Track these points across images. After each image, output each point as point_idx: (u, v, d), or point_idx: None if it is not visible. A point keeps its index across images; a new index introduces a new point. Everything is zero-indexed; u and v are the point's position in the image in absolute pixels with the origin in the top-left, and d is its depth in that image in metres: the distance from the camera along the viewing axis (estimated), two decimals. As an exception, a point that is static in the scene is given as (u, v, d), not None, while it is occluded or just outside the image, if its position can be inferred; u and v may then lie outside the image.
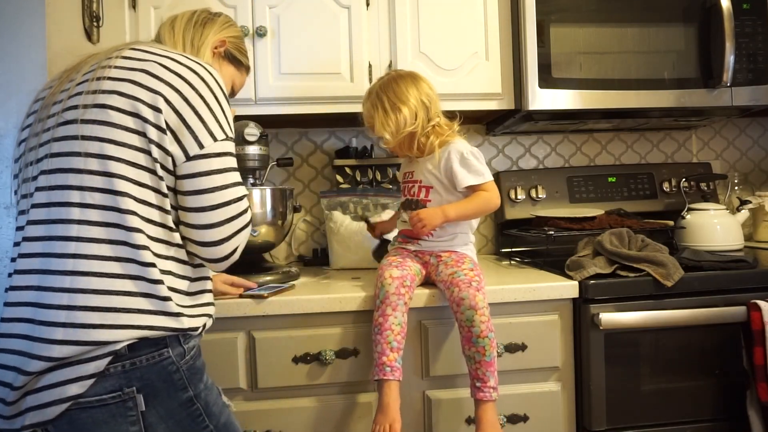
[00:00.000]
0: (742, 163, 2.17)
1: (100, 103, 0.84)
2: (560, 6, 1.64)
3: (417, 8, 1.66)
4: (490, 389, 1.19)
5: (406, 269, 1.29)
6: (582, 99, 1.65)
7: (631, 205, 1.94)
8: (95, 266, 0.81)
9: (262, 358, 1.30)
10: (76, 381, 0.79)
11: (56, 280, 0.81)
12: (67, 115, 0.86)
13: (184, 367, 0.87)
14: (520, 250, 1.89)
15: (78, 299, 0.80)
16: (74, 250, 0.81)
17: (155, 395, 0.83)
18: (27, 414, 0.81)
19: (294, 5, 1.62)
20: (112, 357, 0.81)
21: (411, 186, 1.40)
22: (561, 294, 1.37)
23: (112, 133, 0.83)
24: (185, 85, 0.88)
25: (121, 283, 0.82)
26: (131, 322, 0.82)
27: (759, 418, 1.35)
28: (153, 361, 0.84)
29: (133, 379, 0.82)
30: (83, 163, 0.83)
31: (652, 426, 1.39)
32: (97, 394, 0.80)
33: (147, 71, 0.87)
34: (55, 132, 0.86)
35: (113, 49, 0.93)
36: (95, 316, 0.80)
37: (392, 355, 1.20)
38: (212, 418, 0.90)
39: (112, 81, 0.86)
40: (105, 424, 0.81)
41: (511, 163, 2.08)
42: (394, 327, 1.21)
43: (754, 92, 1.69)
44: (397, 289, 1.23)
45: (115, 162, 0.83)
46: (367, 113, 1.38)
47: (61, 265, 0.82)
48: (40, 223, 0.84)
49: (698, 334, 1.39)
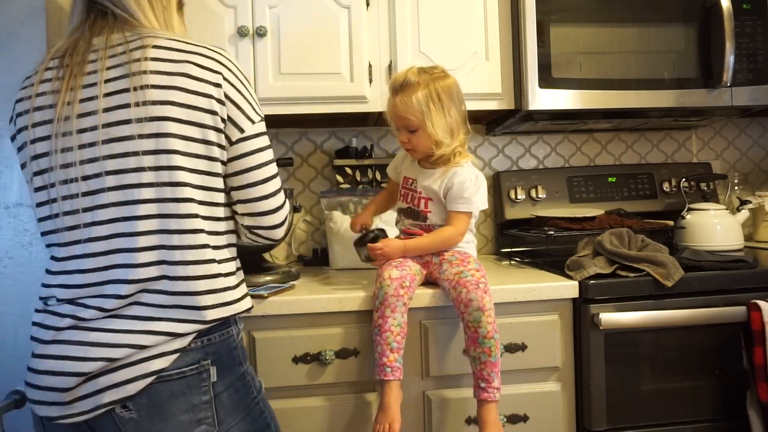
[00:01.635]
0: (742, 163, 2.17)
1: (157, 116, 0.87)
2: (560, 6, 1.64)
3: (417, 8, 1.66)
4: (494, 390, 1.19)
5: (406, 269, 1.28)
6: (582, 99, 1.65)
7: (631, 205, 1.94)
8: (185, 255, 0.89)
9: (262, 358, 1.30)
10: (160, 357, 0.86)
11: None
12: (118, 132, 0.87)
13: (240, 344, 0.98)
14: (520, 250, 1.89)
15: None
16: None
17: (222, 368, 0.93)
18: (104, 393, 0.84)
19: (294, 5, 1.62)
20: (196, 334, 0.89)
21: (413, 194, 1.38)
22: (561, 294, 1.37)
23: (174, 142, 0.88)
24: (231, 74, 0.94)
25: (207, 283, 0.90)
26: (219, 301, 0.91)
27: (759, 418, 1.35)
28: (223, 338, 0.93)
29: (208, 354, 0.91)
30: (155, 176, 0.87)
31: (652, 426, 1.39)
32: (178, 368, 0.87)
33: (188, 73, 0.90)
34: (105, 149, 0.87)
35: (121, 43, 0.91)
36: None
37: (392, 356, 1.21)
38: (257, 390, 1.01)
39: (159, 90, 0.87)
40: (182, 395, 0.88)
41: (511, 163, 2.08)
42: (394, 328, 1.22)
43: (754, 92, 1.69)
44: (395, 291, 1.23)
45: (181, 171, 0.88)
46: (417, 104, 1.27)
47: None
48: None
49: (698, 334, 1.39)
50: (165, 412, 0.87)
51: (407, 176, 1.41)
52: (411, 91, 1.28)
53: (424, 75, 1.30)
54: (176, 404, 0.87)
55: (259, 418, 1.00)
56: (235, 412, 0.94)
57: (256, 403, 1.00)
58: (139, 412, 0.86)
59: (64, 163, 0.88)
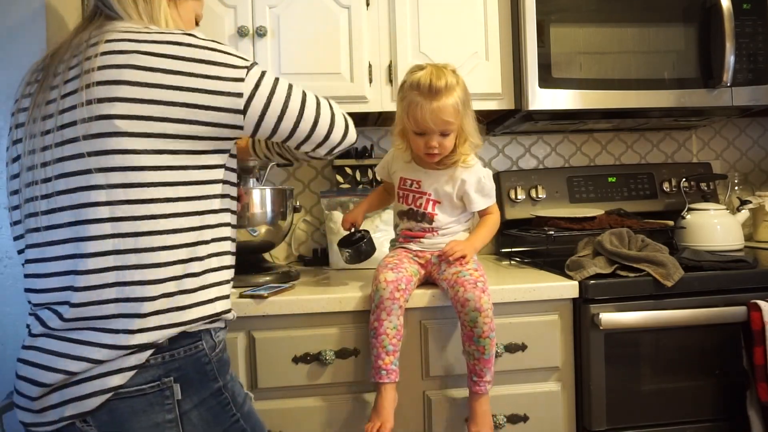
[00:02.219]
0: (742, 163, 2.17)
1: (103, 114, 0.83)
2: (560, 6, 1.64)
3: (417, 8, 1.66)
4: (486, 383, 1.22)
5: (402, 271, 1.27)
6: (582, 99, 1.65)
7: (631, 205, 1.94)
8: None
9: (262, 358, 1.30)
10: (118, 373, 0.83)
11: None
12: (69, 133, 0.85)
13: (215, 359, 0.92)
14: (520, 250, 1.89)
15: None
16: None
17: (189, 385, 0.88)
18: (66, 405, 0.83)
19: (294, 5, 1.62)
20: (154, 350, 0.85)
21: (418, 197, 1.35)
22: (561, 294, 1.37)
23: (121, 141, 0.83)
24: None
25: (164, 286, 0.85)
26: (173, 321, 0.86)
27: (759, 418, 1.35)
28: (189, 353, 0.88)
29: (171, 370, 0.86)
30: (104, 178, 0.83)
31: (652, 426, 1.39)
32: (137, 384, 0.84)
33: (136, 64, 0.85)
34: (57, 151, 0.86)
35: (83, 44, 0.89)
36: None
37: (388, 359, 1.22)
38: (238, 407, 0.95)
39: (105, 86, 0.84)
40: (143, 412, 0.85)
41: (511, 163, 2.08)
42: (389, 331, 1.22)
43: (754, 92, 1.69)
44: (391, 294, 1.23)
45: (134, 172, 0.84)
46: (454, 110, 1.23)
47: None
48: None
49: (698, 334, 1.39)
50: (127, 429, 0.84)
51: (405, 177, 1.37)
52: (451, 95, 1.22)
53: (454, 76, 1.25)
54: (137, 422, 0.84)
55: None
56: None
57: (234, 421, 0.94)
58: (100, 428, 0.84)
59: (30, 165, 0.87)
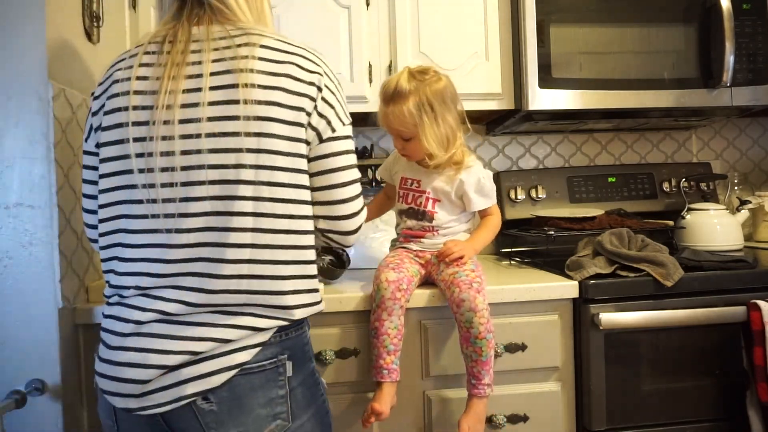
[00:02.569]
0: (742, 163, 2.18)
1: (262, 116, 0.87)
2: (560, 6, 1.64)
3: (417, 8, 1.66)
4: (484, 386, 1.21)
5: (403, 272, 1.28)
6: (582, 99, 1.65)
7: (631, 205, 1.94)
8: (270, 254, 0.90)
9: (262, 358, 1.30)
10: (244, 350, 0.87)
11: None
12: (222, 126, 0.86)
13: (310, 342, 0.99)
14: (520, 250, 1.89)
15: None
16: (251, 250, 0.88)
17: (296, 363, 0.93)
18: (187, 384, 0.84)
19: (294, 5, 1.62)
20: (277, 328, 0.90)
21: (418, 195, 1.36)
22: (561, 294, 1.37)
23: (277, 143, 0.88)
24: (327, 78, 0.95)
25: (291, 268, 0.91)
26: (306, 302, 0.92)
27: (759, 418, 1.35)
28: (298, 333, 0.94)
29: (285, 348, 0.91)
30: (254, 175, 0.87)
31: (652, 426, 1.39)
32: (258, 361, 0.88)
33: (291, 74, 0.90)
34: (208, 142, 0.87)
35: (210, 38, 0.91)
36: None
37: (389, 358, 1.22)
38: (323, 388, 1.01)
39: (264, 90, 0.87)
40: (260, 388, 0.88)
41: (511, 163, 2.08)
42: (390, 331, 1.22)
43: (754, 92, 1.70)
44: (392, 294, 1.23)
45: (280, 172, 0.88)
46: (409, 116, 1.24)
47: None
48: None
49: (698, 334, 1.39)
50: (244, 405, 0.87)
51: (405, 176, 1.39)
52: (402, 102, 1.24)
53: (414, 81, 1.25)
54: (255, 398, 0.88)
55: (326, 416, 1.00)
56: (307, 408, 0.94)
57: (323, 401, 1.00)
58: (220, 404, 0.86)
59: (165, 150, 0.87)
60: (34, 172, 1.11)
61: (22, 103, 1.10)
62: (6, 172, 1.10)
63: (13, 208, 1.11)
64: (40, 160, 1.11)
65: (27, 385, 1.10)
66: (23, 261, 1.11)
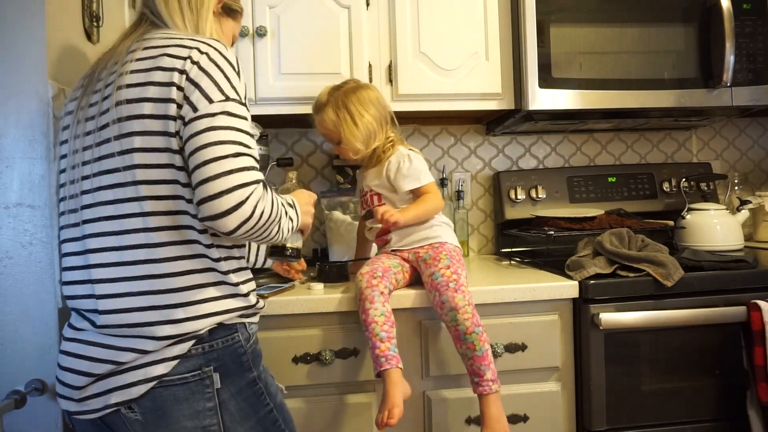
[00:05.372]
0: (742, 163, 2.17)
1: (128, 115, 0.88)
2: (560, 6, 1.64)
3: (417, 8, 1.66)
4: (488, 382, 1.19)
5: (377, 263, 1.34)
6: (582, 99, 1.65)
7: (631, 205, 1.94)
8: (169, 267, 0.89)
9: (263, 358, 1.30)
10: (162, 362, 0.87)
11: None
12: (105, 134, 0.91)
13: (249, 350, 0.96)
14: (520, 250, 1.89)
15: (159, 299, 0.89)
16: (145, 256, 0.89)
17: (227, 374, 0.92)
18: (111, 394, 0.87)
19: (294, 5, 1.62)
20: (195, 340, 0.89)
21: (368, 197, 1.48)
22: (561, 294, 1.37)
23: (143, 138, 0.88)
24: (200, 54, 0.90)
25: (196, 277, 0.90)
26: (211, 310, 0.90)
27: (759, 418, 1.35)
28: (227, 344, 0.92)
29: (210, 360, 0.90)
30: (131, 175, 0.88)
31: (652, 426, 1.39)
32: (179, 373, 0.88)
33: (161, 66, 0.89)
34: (96, 151, 0.92)
35: (124, 51, 0.94)
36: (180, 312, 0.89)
37: (383, 345, 1.19)
38: (271, 397, 0.99)
39: (136, 88, 0.89)
40: (185, 400, 0.88)
41: (511, 163, 2.08)
42: (377, 318, 1.22)
43: (754, 92, 1.69)
44: (368, 282, 1.26)
45: (147, 169, 0.88)
46: (330, 122, 1.42)
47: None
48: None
49: (698, 334, 1.39)
50: (169, 416, 0.88)
51: (362, 188, 1.51)
52: (323, 111, 1.43)
53: (334, 92, 1.43)
54: (179, 410, 0.88)
55: (273, 427, 0.98)
56: (244, 421, 0.93)
57: (268, 411, 0.97)
58: (144, 414, 0.88)
59: (73, 164, 0.94)
60: (34, 172, 1.10)
61: (22, 103, 1.10)
62: (6, 172, 1.10)
63: (13, 208, 1.10)
64: (40, 160, 1.10)
65: (26, 386, 1.09)
66: (23, 261, 1.11)
